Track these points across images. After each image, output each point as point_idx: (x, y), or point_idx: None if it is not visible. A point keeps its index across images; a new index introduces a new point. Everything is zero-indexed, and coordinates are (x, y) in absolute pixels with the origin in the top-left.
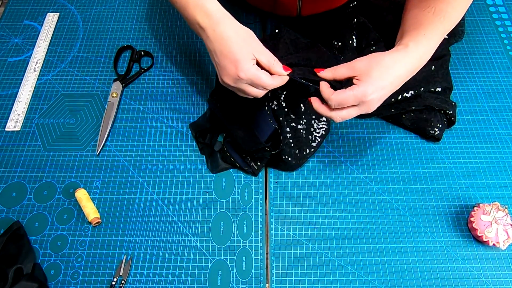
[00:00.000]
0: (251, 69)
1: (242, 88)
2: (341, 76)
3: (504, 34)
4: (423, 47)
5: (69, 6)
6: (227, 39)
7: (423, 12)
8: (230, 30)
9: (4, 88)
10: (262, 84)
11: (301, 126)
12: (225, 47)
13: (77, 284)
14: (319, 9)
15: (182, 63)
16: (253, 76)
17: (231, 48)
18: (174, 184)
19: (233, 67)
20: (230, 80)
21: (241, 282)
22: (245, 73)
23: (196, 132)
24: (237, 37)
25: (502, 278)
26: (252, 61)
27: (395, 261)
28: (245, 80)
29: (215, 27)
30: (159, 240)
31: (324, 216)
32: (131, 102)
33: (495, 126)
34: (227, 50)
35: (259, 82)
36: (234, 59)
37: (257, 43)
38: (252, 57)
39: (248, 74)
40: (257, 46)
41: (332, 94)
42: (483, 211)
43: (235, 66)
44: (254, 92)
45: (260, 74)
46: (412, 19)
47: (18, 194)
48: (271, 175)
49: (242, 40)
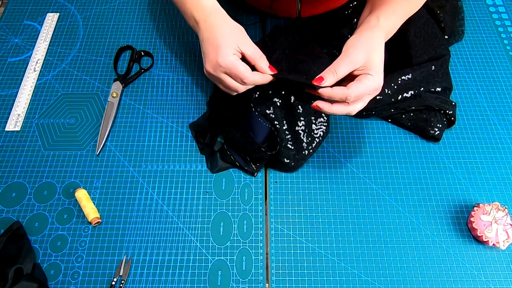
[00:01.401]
0: (230, 56)
1: (221, 78)
2: (344, 74)
3: (504, 34)
4: (392, 23)
5: (69, 6)
6: (215, 27)
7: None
8: (219, 20)
9: (4, 88)
10: (239, 75)
11: (300, 128)
12: (211, 34)
13: (77, 284)
14: (318, 10)
15: (182, 63)
16: (231, 64)
17: (216, 35)
18: (174, 184)
19: (214, 52)
20: (210, 67)
21: (241, 282)
22: (223, 59)
23: (196, 132)
24: (225, 26)
25: (502, 278)
26: (234, 50)
27: (395, 261)
28: (223, 68)
29: (206, 18)
30: (159, 240)
31: (324, 216)
32: (131, 102)
33: (495, 126)
34: (212, 37)
35: (236, 72)
36: (216, 44)
37: (245, 37)
38: (234, 47)
39: (226, 61)
40: (244, 39)
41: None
42: (483, 211)
43: (215, 52)
44: (232, 85)
45: (238, 64)
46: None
47: (18, 194)
48: (271, 175)
49: (229, 30)
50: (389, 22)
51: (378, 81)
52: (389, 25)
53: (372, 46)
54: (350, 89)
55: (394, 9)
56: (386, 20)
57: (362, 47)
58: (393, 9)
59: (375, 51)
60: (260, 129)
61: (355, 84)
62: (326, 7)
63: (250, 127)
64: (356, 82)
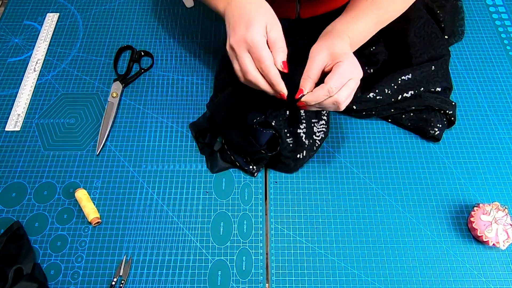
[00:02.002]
0: (259, 35)
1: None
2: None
3: (504, 34)
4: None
5: (69, 6)
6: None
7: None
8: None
9: (4, 88)
10: (261, 58)
11: (301, 130)
12: (243, 10)
13: (77, 284)
14: (318, 11)
15: (182, 63)
16: (257, 44)
17: (249, 11)
18: (174, 184)
19: (244, 27)
20: (235, 41)
21: (241, 282)
22: (252, 36)
23: (196, 132)
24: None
25: (502, 278)
26: (263, 30)
27: (395, 261)
28: (249, 45)
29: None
30: (159, 240)
31: (324, 216)
32: (131, 102)
33: (495, 126)
34: (245, 12)
35: (260, 54)
36: (248, 20)
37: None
38: (264, 28)
39: (254, 38)
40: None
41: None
42: (483, 211)
43: (245, 27)
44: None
45: (264, 47)
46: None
47: (18, 194)
48: (271, 175)
49: (262, 9)
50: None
51: (351, 63)
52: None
53: (330, 42)
54: (328, 82)
55: (353, 15)
56: (342, 25)
57: (322, 46)
58: (352, 15)
59: (334, 45)
60: (261, 134)
61: (329, 75)
62: (325, 8)
63: (251, 133)
64: (330, 74)
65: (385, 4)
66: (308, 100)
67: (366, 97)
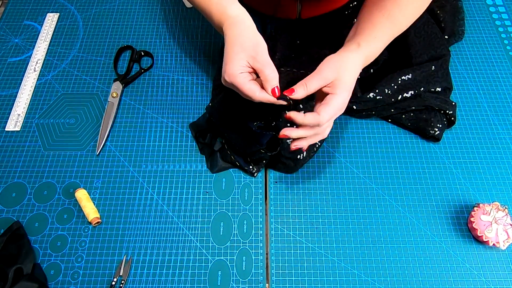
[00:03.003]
0: (235, 75)
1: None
2: (314, 90)
3: (504, 34)
4: (373, 48)
5: (69, 6)
6: (230, 38)
7: (379, 14)
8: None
9: (4, 88)
10: (244, 94)
11: None
12: (226, 46)
13: (77, 284)
14: (318, 11)
15: (182, 63)
16: (236, 83)
17: (228, 49)
18: (174, 184)
19: (224, 66)
20: (222, 77)
21: (241, 282)
22: (228, 76)
23: (196, 132)
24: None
25: (502, 278)
26: (241, 67)
27: (395, 261)
28: (229, 84)
29: (228, 27)
30: (159, 240)
31: (324, 216)
32: (131, 102)
33: (495, 126)
34: (226, 50)
35: (241, 91)
36: (226, 59)
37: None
38: (244, 64)
39: (231, 78)
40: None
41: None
42: (483, 211)
43: (224, 66)
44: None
45: (243, 84)
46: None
47: (18, 194)
48: (271, 175)
49: (240, 46)
50: (370, 48)
51: (343, 100)
52: (370, 51)
53: (345, 66)
54: (321, 113)
55: (375, 34)
56: (367, 46)
57: (334, 66)
58: (374, 35)
59: (346, 71)
60: (261, 135)
61: (323, 107)
62: (326, 8)
63: (251, 134)
64: (324, 105)
65: (399, 18)
66: (297, 119)
67: (366, 97)
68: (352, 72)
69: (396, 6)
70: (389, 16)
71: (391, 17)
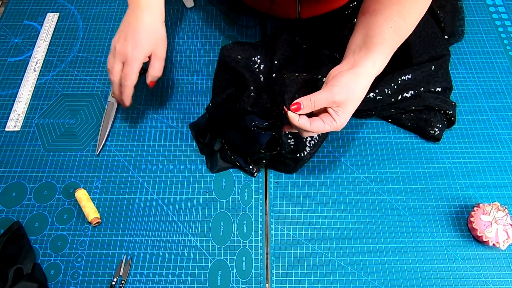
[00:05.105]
0: (138, 59)
1: (116, 59)
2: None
3: (504, 34)
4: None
5: (69, 6)
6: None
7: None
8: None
9: (4, 88)
10: (128, 73)
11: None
12: (137, 33)
13: (77, 284)
14: (318, 11)
15: (182, 63)
16: (132, 63)
17: (141, 36)
18: (174, 184)
19: (130, 47)
20: (120, 48)
21: (241, 282)
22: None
23: (196, 132)
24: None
25: (502, 278)
26: (144, 55)
27: (395, 261)
28: (126, 59)
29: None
30: (159, 240)
31: (324, 216)
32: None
33: (495, 126)
34: (137, 36)
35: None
36: (136, 43)
37: (160, 47)
38: (149, 52)
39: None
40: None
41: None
42: (483, 211)
43: (132, 47)
44: (113, 69)
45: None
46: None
47: (18, 194)
48: (271, 175)
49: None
50: (382, 65)
51: (339, 125)
52: (382, 67)
53: (356, 94)
54: (312, 125)
55: (386, 51)
56: (382, 65)
57: (346, 91)
58: (385, 52)
59: (354, 100)
60: (261, 136)
61: (316, 123)
62: (326, 8)
63: (250, 134)
64: (318, 120)
65: (403, 29)
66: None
67: (366, 97)
68: (359, 100)
69: (401, 17)
70: (396, 29)
71: (398, 30)
